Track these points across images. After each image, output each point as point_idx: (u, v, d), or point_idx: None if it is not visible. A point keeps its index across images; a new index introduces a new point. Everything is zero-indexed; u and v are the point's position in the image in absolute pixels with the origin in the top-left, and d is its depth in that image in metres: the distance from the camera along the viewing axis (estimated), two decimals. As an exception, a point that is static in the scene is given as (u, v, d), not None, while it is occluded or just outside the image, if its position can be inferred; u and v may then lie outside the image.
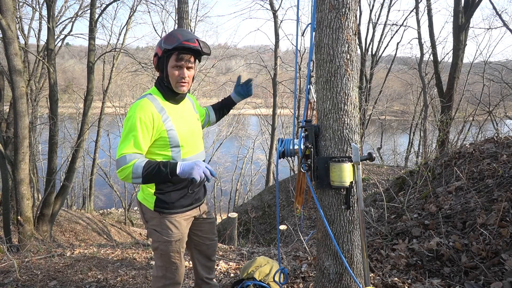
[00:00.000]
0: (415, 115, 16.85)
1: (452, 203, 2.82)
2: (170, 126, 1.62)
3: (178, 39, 1.56)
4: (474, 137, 9.28)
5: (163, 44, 1.59)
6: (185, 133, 1.69)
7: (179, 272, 1.85)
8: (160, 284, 1.84)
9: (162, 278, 1.83)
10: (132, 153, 1.51)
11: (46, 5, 9.77)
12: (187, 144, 1.70)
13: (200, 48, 1.60)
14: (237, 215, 5.43)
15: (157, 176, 1.48)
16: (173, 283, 1.84)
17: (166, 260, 1.80)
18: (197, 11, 25.54)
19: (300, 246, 3.42)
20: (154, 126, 1.57)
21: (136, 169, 1.47)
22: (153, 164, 1.49)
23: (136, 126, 1.52)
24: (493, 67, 14.67)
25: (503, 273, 1.93)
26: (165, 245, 1.75)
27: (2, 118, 9.00)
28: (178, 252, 1.80)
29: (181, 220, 1.76)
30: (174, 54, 1.60)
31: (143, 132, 1.53)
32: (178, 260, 1.82)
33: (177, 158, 1.67)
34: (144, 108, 1.56)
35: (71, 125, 21.16)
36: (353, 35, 1.64)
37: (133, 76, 18.10)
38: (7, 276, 2.81)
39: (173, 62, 1.61)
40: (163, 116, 1.61)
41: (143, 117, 1.54)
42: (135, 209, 21.00)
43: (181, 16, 6.81)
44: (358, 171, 1.61)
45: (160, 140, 1.62)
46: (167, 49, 1.58)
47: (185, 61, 1.61)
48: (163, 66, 1.64)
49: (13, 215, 7.59)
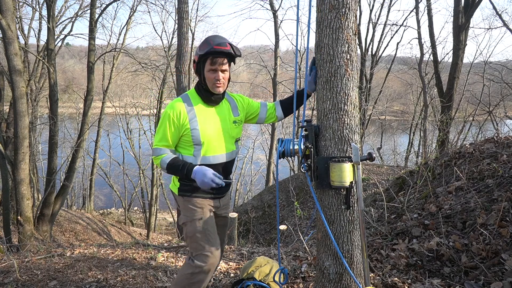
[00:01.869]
0: (415, 115, 16.84)
1: (452, 203, 2.82)
2: (195, 126, 1.80)
3: (210, 44, 1.73)
4: (474, 137, 9.27)
5: (198, 51, 1.78)
6: (209, 133, 1.83)
7: (209, 260, 1.80)
8: (188, 271, 1.82)
9: (191, 265, 1.82)
10: (162, 147, 1.82)
11: (46, 5, 9.78)
12: (209, 144, 1.84)
13: (232, 51, 1.76)
14: (237, 215, 5.43)
15: (176, 173, 1.82)
16: (202, 272, 1.80)
17: (193, 242, 1.84)
18: (197, 11, 25.62)
19: (300, 246, 3.42)
20: (180, 123, 1.79)
21: (163, 163, 1.81)
22: (176, 163, 1.79)
23: (166, 122, 1.78)
24: (493, 67, 14.67)
25: (503, 273, 1.93)
26: (190, 224, 1.85)
27: (2, 118, 9.01)
28: (203, 233, 1.83)
29: (202, 203, 1.88)
30: (209, 59, 1.77)
31: (170, 128, 1.78)
32: (204, 243, 1.81)
33: (197, 155, 1.84)
34: (174, 107, 1.79)
35: (71, 125, 21.16)
36: (353, 35, 1.64)
37: (133, 76, 18.12)
38: (7, 276, 2.81)
39: (208, 66, 1.78)
40: (190, 115, 1.80)
41: (172, 115, 1.78)
42: (135, 209, 21.03)
43: (181, 16, 6.82)
44: (358, 171, 1.61)
45: (185, 137, 1.82)
46: (202, 55, 1.76)
47: (219, 64, 1.77)
48: (200, 71, 1.82)
49: (13, 215, 7.59)
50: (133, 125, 20.05)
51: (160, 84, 16.06)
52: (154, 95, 18.35)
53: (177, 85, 7.36)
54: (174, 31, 15.80)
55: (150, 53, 19.15)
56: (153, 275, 2.84)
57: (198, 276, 1.81)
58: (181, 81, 7.02)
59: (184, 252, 3.60)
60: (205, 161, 1.85)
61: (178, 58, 7.04)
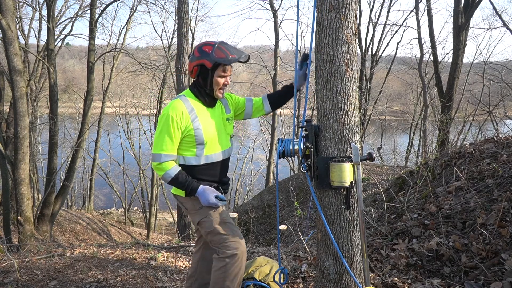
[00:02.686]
0: (415, 115, 16.83)
1: (452, 203, 2.82)
2: (197, 126, 1.81)
3: (228, 55, 1.78)
4: (474, 137, 9.27)
5: (215, 57, 1.77)
6: (211, 132, 1.85)
7: (236, 245, 1.79)
8: (221, 264, 1.79)
9: (220, 259, 1.80)
10: (167, 153, 1.77)
11: (46, 5, 9.79)
12: (211, 142, 1.87)
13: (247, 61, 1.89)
14: (237, 215, 5.42)
15: (178, 187, 1.83)
16: (233, 261, 1.77)
17: (215, 236, 1.82)
18: (197, 11, 25.62)
19: (300, 246, 3.41)
20: (183, 125, 1.77)
21: (167, 176, 1.78)
22: (180, 178, 1.79)
23: (169, 125, 1.75)
24: (493, 67, 14.67)
25: (503, 273, 1.93)
26: (206, 220, 1.84)
27: (2, 118, 9.01)
28: (223, 222, 1.84)
29: None
30: (221, 66, 1.81)
31: (174, 131, 1.76)
32: (226, 232, 1.81)
33: (200, 154, 1.85)
34: (176, 108, 1.77)
35: (71, 125, 21.15)
36: (353, 35, 1.64)
37: (133, 76, 18.11)
38: (7, 276, 2.81)
39: (220, 73, 1.82)
40: (192, 116, 1.80)
41: (175, 116, 1.75)
42: (135, 209, 21.02)
43: (181, 16, 6.82)
44: (358, 171, 1.61)
45: (188, 137, 1.81)
46: (218, 63, 1.78)
47: (229, 71, 1.86)
48: (207, 75, 1.82)
49: (13, 215, 7.59)
50: (133, 125, 20.06)
51: (160, 84, 16.06)
52: (154, 95, 18.36)
53: (177, 85, 7.36)
54: (174, 31, 15.81)
55: (150, 53, 19.15)
56: (153, 275, 2.84)
57: (231, 267, 1.77)
58: (181, 81, 7.02)
59: (184, 252, 3.60)
60: (207, 159, 1.87)
61: (178, 58, 7.04)
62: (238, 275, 1.80)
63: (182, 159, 1.86)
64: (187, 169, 1.85)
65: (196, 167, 1.86)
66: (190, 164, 1.86)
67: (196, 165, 1.86)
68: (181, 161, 1.86)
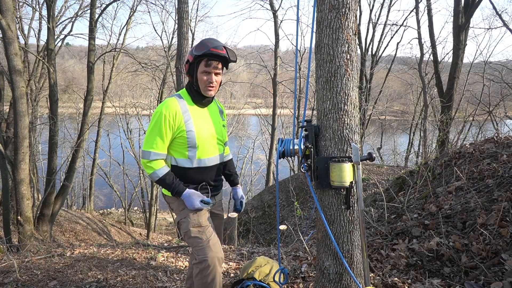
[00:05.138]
0: (415, 115, 16.84)
1: (452, 203, 2.82)
2: (190, 128, 1.77)
3: (207, 46, 1.72)
4: (474, 137, 9.26)
5: (194, 51, 1.75)
6: (204, 135, 1.82)
7: (207, 252, 1.74)
8: (196, 270, 1.76)
9: (195, 264, 1.77)
10: (157, 152, 1.74)
11: (46, 5, 9.78)
12: (203, 146, 1.82)
13: (227, 56, 1.76)
14: (237, 215, 5.43)
15: (165, 187, 1.79)
16: (207, 266, 1.73)
17: (190, 238, 1.79)
18: (197, 11, 25.66)
19: (300, 246, 3.41)
20: (176, 124, 1.74)
21: (154, 175, 1.75)
22: (167, 179, 1.76)
23: (161, 123, 1.71)
24: (493, 67, 14.68)
25: (503, 273, 1.93)
26: (185, 221, 1.80)
27: (2, 118, 9.01)
28: (199, 225, 1.78)
29: None
30: (203, 61, 1.75)
31: (165, 130, 1.72)
32: (200, 235, 1.76)
33: (192, 157, 1.81)
34: (170, 107, 1.73)
35: (71, 125, 21.15)
36: (353, 35, 1.64)
37: (133, 76, 18.11)
38: (7, 276, 2.81)
39: (203, 68, 1.76)
40: (185, 117, 1.76)
41: (168, 115, 1.71)
42: (135, 209, 21.02)
43: (181, 16, 6.81)
44: (358, 171, 1.61)
45: (180, 139, 1.78)
46: (197, 56, 1.74)
47: (213, 67, 1.76)
48: (193, 72, 1.79)
49: (13, 215, 7.59)
50: (133, 125, 20.05)
51: (160, 84, 16.05)
52: (154, 95, 18.37)
53: (177, 85, 7.35)
54: (174, 31, 15.82)
55: (150, 53, 19.15)
56: (153, 275, 2.84)
57: (205, 272, 1.73)
58: (181, 81, 7.02)
59: (184, 252, 3.60)
60: (200, 163, 1.83)
61: (178, 58, 7.03)
62: (213, 284, 1.74)
63: (174, 160, 1.82)
64: (178, 171, 1.82)
65: (188, 169, 1.82)
66: (182, 166, 1.82)
67: (188, 168, 1.82)
68: (173, 162, 1.83)
